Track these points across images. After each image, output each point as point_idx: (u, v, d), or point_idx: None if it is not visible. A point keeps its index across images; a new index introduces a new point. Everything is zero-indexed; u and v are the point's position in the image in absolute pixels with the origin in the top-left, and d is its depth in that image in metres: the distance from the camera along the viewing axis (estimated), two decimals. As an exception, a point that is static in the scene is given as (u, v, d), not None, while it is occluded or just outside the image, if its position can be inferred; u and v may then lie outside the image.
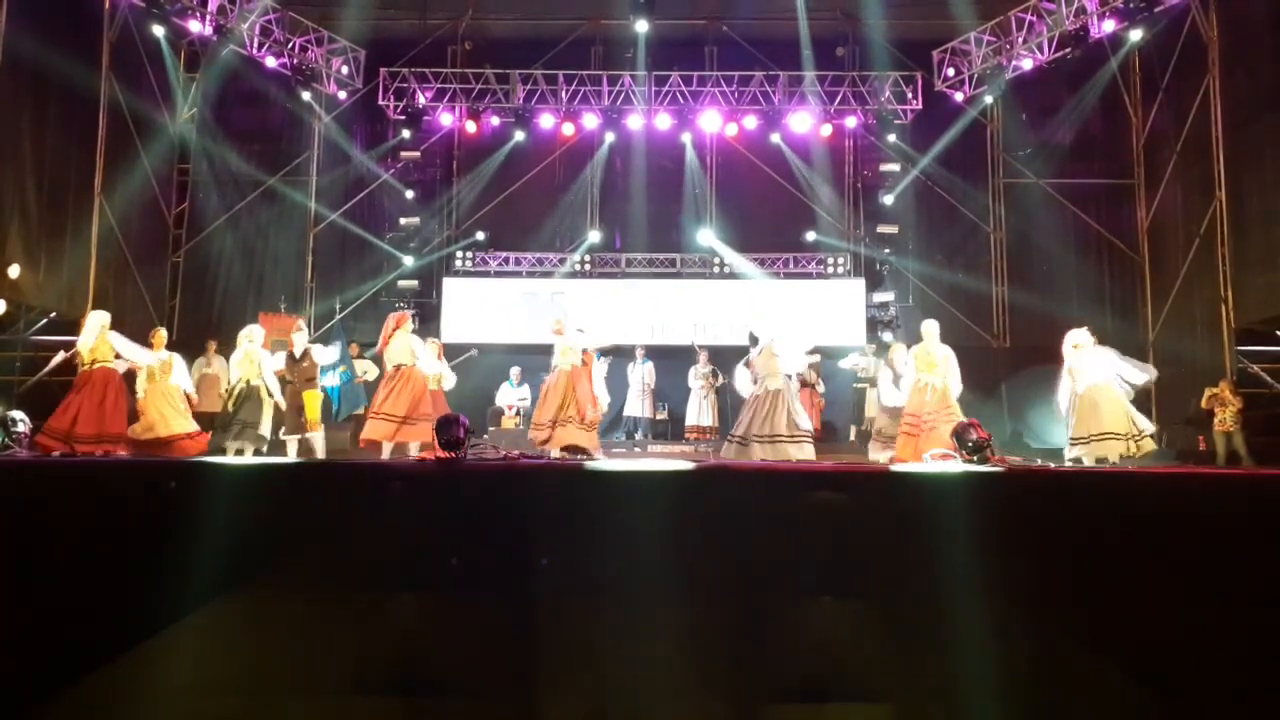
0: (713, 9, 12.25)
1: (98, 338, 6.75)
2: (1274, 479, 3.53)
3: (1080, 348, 6.42)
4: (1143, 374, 6.38)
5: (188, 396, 7.26)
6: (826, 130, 11.86)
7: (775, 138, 12.01)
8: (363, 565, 3.40)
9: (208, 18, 10.44)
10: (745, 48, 12.13)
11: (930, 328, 6.96)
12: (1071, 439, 6.41)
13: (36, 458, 5.52)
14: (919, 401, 6.67)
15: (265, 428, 7.04)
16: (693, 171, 12.33)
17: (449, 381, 8.12)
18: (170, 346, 7.45)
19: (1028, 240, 11.82)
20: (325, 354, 7.73)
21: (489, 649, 3.32)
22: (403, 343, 7.10)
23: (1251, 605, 3.12)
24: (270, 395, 7.06)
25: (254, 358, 7.05)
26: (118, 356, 6.82)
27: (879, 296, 11.73)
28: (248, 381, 7.01)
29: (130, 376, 7.11)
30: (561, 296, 11.94)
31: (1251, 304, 9.17)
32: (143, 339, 7.27)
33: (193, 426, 7.04)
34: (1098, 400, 6.24)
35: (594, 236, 12.33)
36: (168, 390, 6.97)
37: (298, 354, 7.46)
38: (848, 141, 12.35)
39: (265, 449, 7.07)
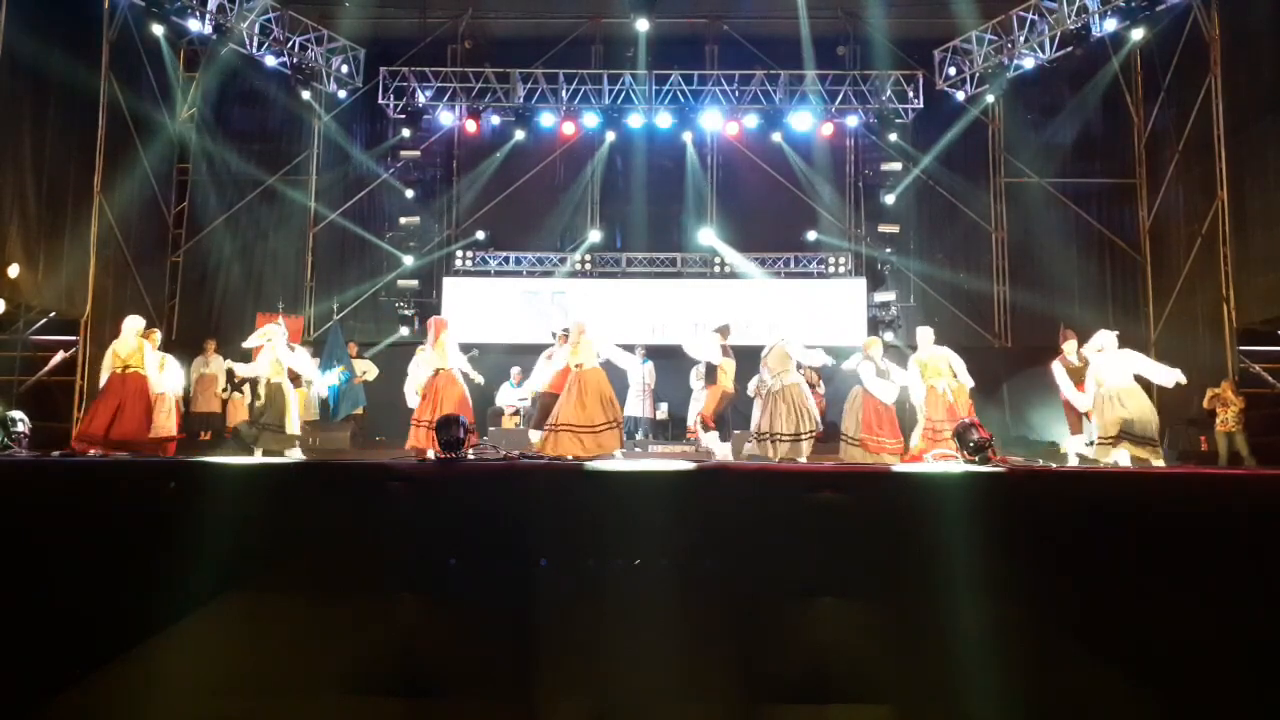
0: (713, 8, 12.23)
1: (137, 343, 6.87)
2: (1275, 479, 3.53)
3: (1104, 350, 6.40)
4: (1170, 376, 6.32)
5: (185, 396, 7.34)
6: (828, 129, 11.84)
7: (776, 137, 11.99)
8: (363, 565, 3.40)
9: (207, 17, 10.43)
10: (746, 46, 12.11)
11: (924, 334, 7.03)
12: (1098, 440, 6.36)
13: (36, 457, 5.51)
14: (935, 407, 6.70)
15: (292, 426, 7.03)
16: (693, 171, 12.32)
17: None
18: (168, 346, 7.49)
19: (1029, 240, 11.80)
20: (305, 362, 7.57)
21: (489, 649, 3.32)
22: (447, 348, 6.85)
23: (1251, 605, 3.12)
24: (288, 391, 7.05)
25: (273, 357, 7.09)
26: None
27: (880, 296, 11.71)
28: (269, 380, 7.01)
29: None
30: (562, 296, 11.93)
31: (1253, 304, 9.16)
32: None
33: (164, 433, 7.07)
34: (1124, 401, 6.23)
35: (594, 236, 12.31)
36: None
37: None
38: (849, 140, 12.34)
39: (296, 445, 7.07)
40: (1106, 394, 6.27)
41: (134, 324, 6.99)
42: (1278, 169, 8.65)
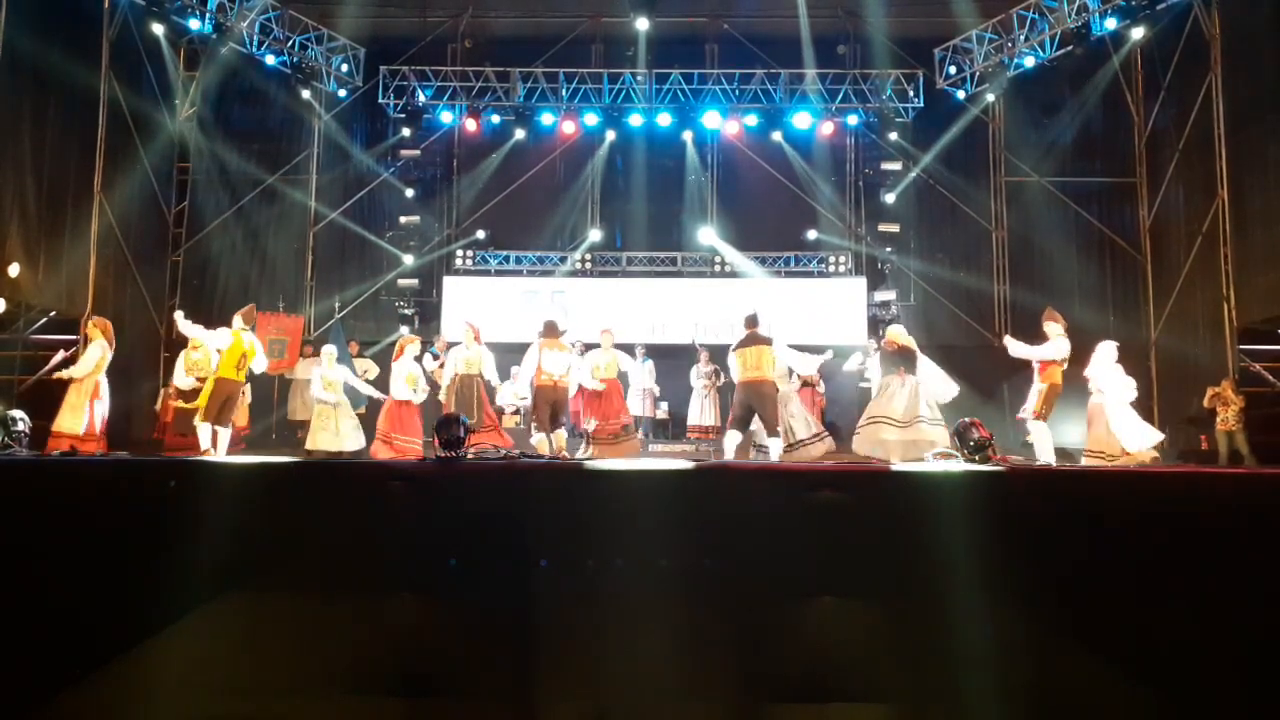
0: (714, 7, 12.23)
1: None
2: (1275, 479, 3.52)
3: (1106, 363, 6.70)
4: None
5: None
6: (828, 128, 11.83)
7: (776, 136, 11.98)
8: (363, 565, 3.40)
9: (207, 16, 10.42)
10: (746, 45, 12.11)
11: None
12: (1098, 450, 6.59)
13: (37, 457, 5.51)
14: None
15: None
16: (693, 170, 12.32)
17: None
18: (169, 346, 7.50)
19: (1029, 239, 11.80)
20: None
21: (489, 649, 3.32)
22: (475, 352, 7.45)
23: (1251, 605, 3.12)
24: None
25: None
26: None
27: (880, 295, 11.71)
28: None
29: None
30: (562, 295, 11.92)
31: (1253, 303, 9.15)
32: (143, 338, 7.31)
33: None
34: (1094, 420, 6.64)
35: (595, 235, 12.31)
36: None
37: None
38: (849, 139, 12.33)
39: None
40: (1101, 407, 6.56)
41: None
42: (1278, 168, 8.64)
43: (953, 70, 11.52)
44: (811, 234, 12.17)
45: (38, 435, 6.23)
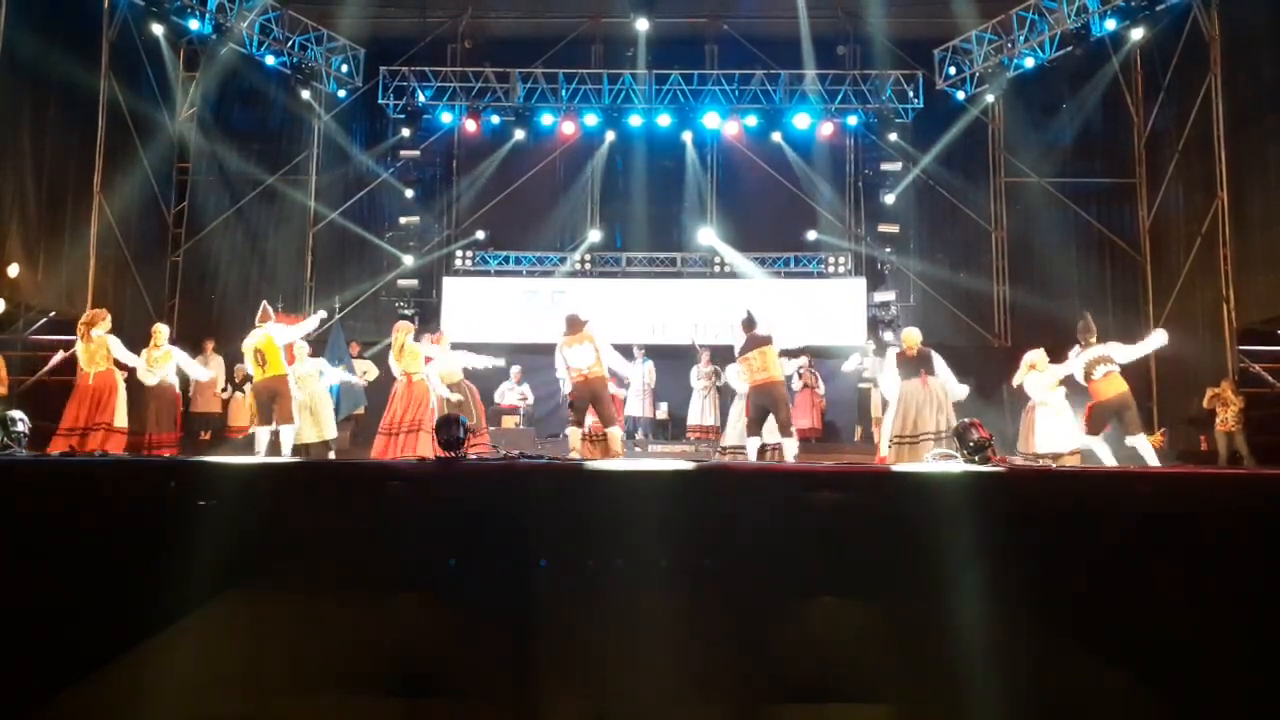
0: (713, 7, 12.24)
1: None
2: (1275, 479, 3.53)
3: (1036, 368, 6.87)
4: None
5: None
6: (827, 129, 11.84)
7: (776, 136, 11.99)
8: (363, 565, 3.40)
9: (207, 16, 10.43)
10: (746, 46, 12.11)
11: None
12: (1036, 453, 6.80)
13: (36, 457, 5.51)
14: None
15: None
16: (693, 170, 12.32)
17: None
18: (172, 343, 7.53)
19: (1029, 239, 11.80)
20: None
21: (489, 649, 3.32)
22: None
23: (1251, 605, 3.12)
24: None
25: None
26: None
27: (880, 296, 11.72)
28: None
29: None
30: (562, 296, 11.93)
31: (1253, 303, 9.16)
32: (142, 339, 7.32)
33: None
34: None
35: (594, 235, 12.31)
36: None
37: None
38: (849, 140, 12.33)
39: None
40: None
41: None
42: (1278, 169, 8.65)
43: (952, 71, 11.53)
44: (811, 234, 12.18)
45: (36, 435, 6.21)
